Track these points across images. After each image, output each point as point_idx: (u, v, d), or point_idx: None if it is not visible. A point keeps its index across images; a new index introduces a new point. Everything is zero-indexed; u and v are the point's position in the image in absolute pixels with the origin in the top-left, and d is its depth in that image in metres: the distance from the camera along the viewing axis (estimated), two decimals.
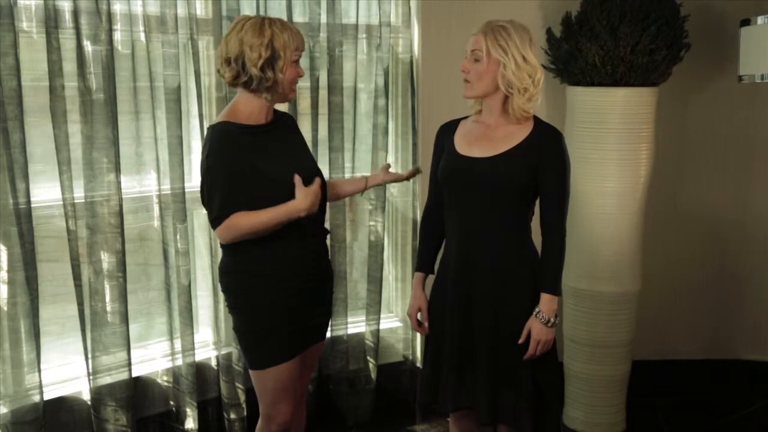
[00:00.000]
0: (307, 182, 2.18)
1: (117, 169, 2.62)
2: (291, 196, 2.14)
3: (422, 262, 2.37)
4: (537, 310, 2.14)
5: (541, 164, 2.13)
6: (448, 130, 2.29)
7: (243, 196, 2.11)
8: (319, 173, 2.29)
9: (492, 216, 2.15)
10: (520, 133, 2.16)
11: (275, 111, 2.29)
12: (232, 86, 2.18)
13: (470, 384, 2.22)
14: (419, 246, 2.43)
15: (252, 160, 2.12)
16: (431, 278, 2.36)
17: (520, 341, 2.15)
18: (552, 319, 2.14)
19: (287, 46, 2.10)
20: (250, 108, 2.17)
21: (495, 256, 2.17)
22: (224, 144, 2.11)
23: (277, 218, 2.11)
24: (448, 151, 2.23)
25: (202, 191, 2.16)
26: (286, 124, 2.31)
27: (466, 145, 2.20)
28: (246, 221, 2.11)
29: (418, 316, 2.34)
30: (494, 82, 2.11)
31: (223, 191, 2.11)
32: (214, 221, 2.13)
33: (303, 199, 2.12)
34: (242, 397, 2.96)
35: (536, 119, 2.19)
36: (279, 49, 2.09)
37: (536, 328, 2.14)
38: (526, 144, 2.14)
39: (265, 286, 2.18)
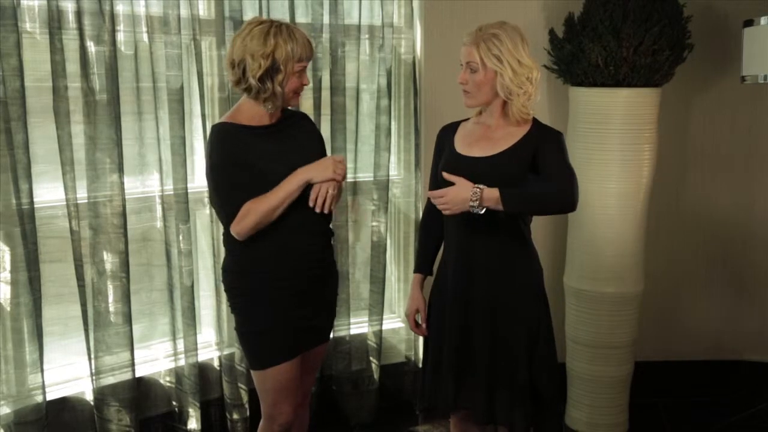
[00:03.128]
0: (307, 186, 2.18)
1: (120, 170, 2.62)
2: None
3: (420, 264, 2.37)
4: (480, 187, 2.02)
5: (538, 151, 2.12)
6: (448, 131, 2.30)
7: (244, 191, 2.11)
8: None
9: (492, 216, 2.14)
10: (519, 132, 2.16)
11: (286, 110, 2.27)
12: (236, 89, 2.18)
13: (468, 384, 2.22)
14: (418, 247, 2.42)
15: (250, 160, 2.11)
16: (429, 280, 2.36)
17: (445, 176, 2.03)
18: (478, 201, 2.00)
19: (289, 59, 2.07)
20: (253, 110, 2.16)
21: (495, 257, 2.17)
22: (223, 142, 2.12)
23: (289, 189, 2.09)
24: (449, 152, 2.23)
25: (210, 192, 2.16)
26: (295, 124, 2.28)
27: (467, 145, 2.20)
28: (258, 205, 2.08)
29: (417, 317, 2.34)
30: (493, 89, 2.12)
31: (231, 187, 2.11)
32: (228, 217, 2.11)
33: (323, 168, 2.11)
34: (245, 398, 2.97)
35: (535, 120, 2.20)
36: (280, 61, 2.07)
37: (457, 188, 2.02)
38: (525, 140, 2.15)
39: (266, 286, 2.18)
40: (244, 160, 2.11)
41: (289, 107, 2.26)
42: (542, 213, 2.23)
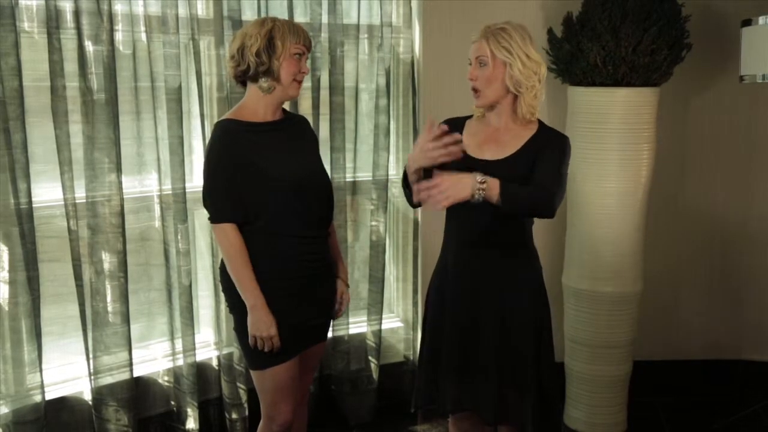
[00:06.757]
0: (305, 184, 2.19)
1: (118, 169, 2.62)
2: (287, 195, 2.16)
3: None
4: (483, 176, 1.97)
5: (539, 153, 2.11)
6: (454, 127, 2.27)
7: (240, 192, 2.13)
8: (320, 176, 2.30)
9: (497, 215, 2.13)
10: (526, 134, 2.16)
11: (286, 111, 2.31)
12: (237, 81, 2.22)
13: (472, 384, 2.21)
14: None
15: (250, 158, 2.14)
16: (427, 278, 2.35)
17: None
18: (481, 191, 1.96)
19: (286, 36, 2.13)
20: (255, 106, 2.19)
21: (502, 256, 2.17)
22: (223, 141, 2.14)
23: (248, 295, 2.15)
24: None
25: (203, 187, 2.19)
26: (295, 125, 2.32)
27: (476, 146, 2.18)
28: (235, 259, 2.14)
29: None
30: (503, 85, 2.11)
31: (220, 188, 2.14)
32: (213, 217, 2.17)
33: (256, 324, 2.15)
34: (244, 397, 2.97)
35: (541, 123, 2.19)
36: (276, 39, 2.13)
37: (457, 176, 1.96)
38: (531, 142, 2.14)
39: (263, 286, 2.17)
40: (243, 158, 2.13)
41: (290, 99, 2.28)
42: (526, 215, 2.17)
